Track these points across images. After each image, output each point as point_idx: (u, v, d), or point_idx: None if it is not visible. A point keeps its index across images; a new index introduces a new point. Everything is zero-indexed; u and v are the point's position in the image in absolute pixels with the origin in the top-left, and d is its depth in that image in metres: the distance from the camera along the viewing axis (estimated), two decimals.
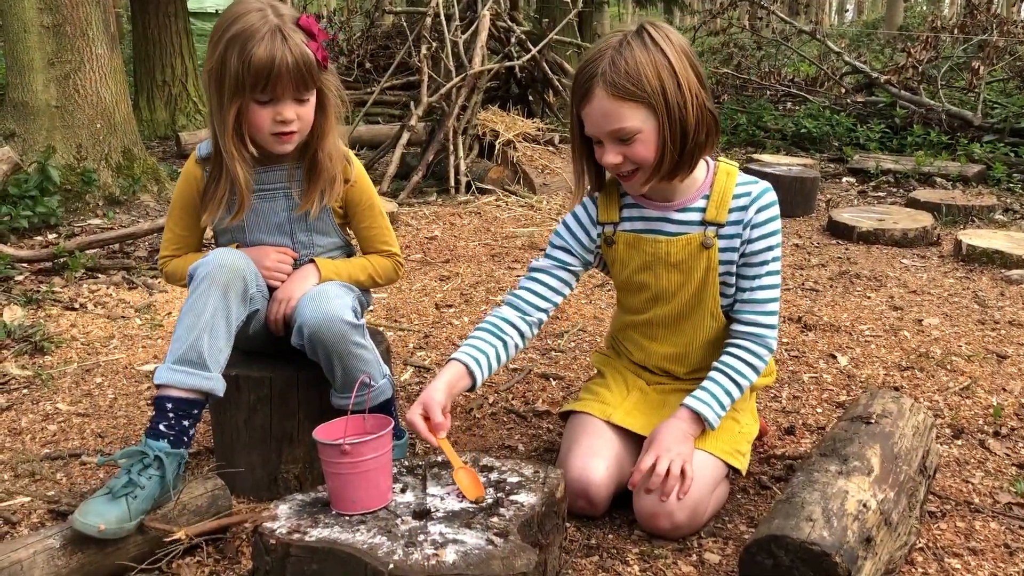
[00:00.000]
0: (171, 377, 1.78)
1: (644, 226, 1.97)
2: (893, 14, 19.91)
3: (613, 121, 1.77)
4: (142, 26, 8.05)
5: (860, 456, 1.79)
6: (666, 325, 2.03)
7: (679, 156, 1.80)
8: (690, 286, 1.96)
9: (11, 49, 4.89)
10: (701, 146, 1.83)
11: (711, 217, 1.91)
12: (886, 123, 7.45)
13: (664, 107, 1.75)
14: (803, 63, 10.43)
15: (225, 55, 1.82)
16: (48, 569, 1.61)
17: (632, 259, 1.99)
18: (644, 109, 1.75)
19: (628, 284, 2.04)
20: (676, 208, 1.94)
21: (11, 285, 3.66)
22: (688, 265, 1.94)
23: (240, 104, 1.85)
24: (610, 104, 1.75)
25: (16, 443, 2.39)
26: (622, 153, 1.80)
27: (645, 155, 1.79)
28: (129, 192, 5.17)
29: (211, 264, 1.83)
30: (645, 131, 1.77)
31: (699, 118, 1.79)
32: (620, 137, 1.78)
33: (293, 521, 1.52)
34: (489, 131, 6.09)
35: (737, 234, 1.91)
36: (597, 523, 1.94)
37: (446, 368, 1.87)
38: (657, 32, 1.77)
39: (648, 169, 1.82)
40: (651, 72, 1.73)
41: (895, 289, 3.74)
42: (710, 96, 1.83)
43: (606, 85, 1.74)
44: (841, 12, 36.63)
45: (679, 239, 1.93)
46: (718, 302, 1.97)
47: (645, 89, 1.73)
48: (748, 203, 1.91)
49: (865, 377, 2.80)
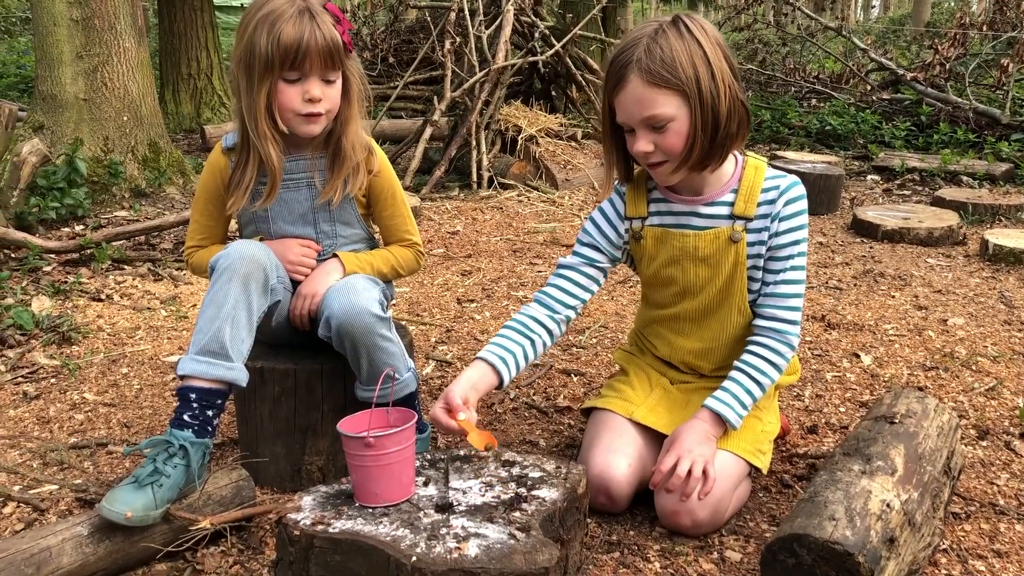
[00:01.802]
0: (194, 368, 1.80)
1: (672, 220, 1.97)
2: (920, 10, 19.70)
3: (647, 108, 1.76)
4: (168, 20, 8.11)
5: (884, 456, 1.78)
6: (693, 320, 2.03)
7: (710, 146, 1.80)
8: (718, 280, 1.95)
9: (41, 42, 4.94)
10: (732, 137, 1.82)
11: (739, 211, 1.91)
12: (912, 121, 7.38)
13: (697, 96, 1.75)
14: (828, 59, 10.35)
15: (254, 36, 1.86)
16: (77, 556, 1.64)
17: (660, 254, 1.99)
18: (678, 97, 1.75)
19: (655, 279, 2.03)
20: (704, 202, 1.94)
21: (39, 276, 3.70)
22: (716, 259, 1.94)
23: (270, 84, 1.88)
24: (644, 91, 1.75)
25: (44, 432, 2.42)
26: (654, 141, 1.79)
27: (676, 144, 1.79)
28: (155, 184, 5.22)
29: (232, 256, 1.85)
30: (678, 119, 1.77)
31: (731, 108, 1.79)
32: (653, 125, 1.78)
33: (317, 512, 1.54)
34: (512, 126, 6.09)
35: (765, 227, 1.91)
36: (618, 519, 1.95)
37: (471, 367, 1.88)
38: (692, 22, 1.78)
39: (677, 159, 1.81)
40: (686, 60, 1.74)
41: (920, 288, 3.71)
42: (742, 88, 1.83)
43: (641, 72, 1.74)
44: (867, 8, 36.29)
45: (707, 233, 1.93)
46: (745, 297, 1.96)
47: (680, 77, 1.73)
48: (776, 196, 1.91)
49: (889, 377, 2.78)
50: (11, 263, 3.79)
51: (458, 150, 5.88)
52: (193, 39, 8.12)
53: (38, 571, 1.58)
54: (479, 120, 5.86)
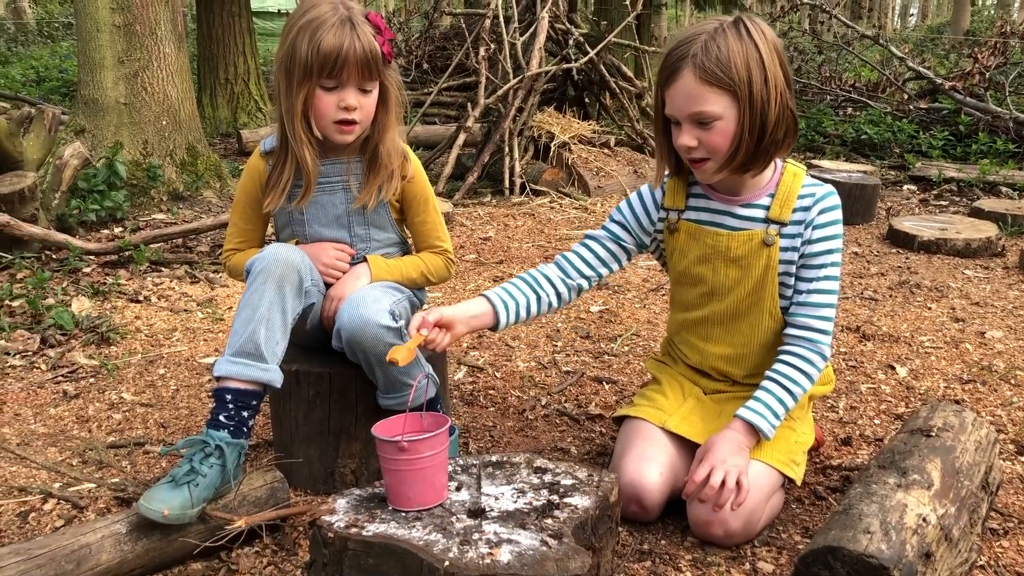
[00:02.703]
0: (230, 369, 1.82)
1: (708, 217, 1.97)
2: (959, 18, 19.47)
3: (695, 103, 1.77)
4: (207, 25, 8.22)
5: (920, 469, 1.76)
6: (722, 323, 2.02)
7: (754, 150, 1.80)
8: (747, 283, 1.95)
9: (84, 48, 5.04)
10: (777, 144, 1.83)
11: (775, 215, 1.91)
12: (950, 130, 7.29)
13: (748, 98, 1.75)
14: (864, 68, 10.25)
15: (296, 42, 1.89)
16: (115, 553, 1.67)
17: (691, 250, 1.99)
18: (728, 97, 1.76)
19: (685, 276, 2.04)
20: (741, 203, 1.94)
21: (79, 277, 3.77)
22: (747, 261, 1.93)
23: (308, 90, 1.91)
24: (696, 86, 1.76)
25: (83, 431, 2.47)
26: (698, 137, 1.80)
27: (720, 143, 1.79)
28: (192, 188, 5.29)
29: (266, 259, 1.88)
30: (725, 119, 1.77)
31: (780, 116, 1.79)
32: (699, 120, 1.79)
33: (351, 515, 1.55)
34: (545, 133, 6.10)
35: (799, 234, 1.91)
36: (650, 528, 1.94)
37: (473, 300, 1.94)
38: (753, 25, 1.78)
39: (720, 158, 1.82)
40: (741, 62, 1.74)
41: (957, 300, 3.66)
42: (793, 97, 1.83)
43: (695, 67, 1.75)
44: (905, 16, 35.91)
45: (740, 234, 1.93)
46: (777, 302, 1.95)
47: (733, 77, 1.74)
48: (811, 204, 1.90)
49: (925, 389, 2.75)
50: (52, 264, 3.86)
51: (491, 156, 5.90)
52: (231, 44, 8.22)
53: (78, 567, 1.61)
54: (512, 126, 5.88)
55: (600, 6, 9.95)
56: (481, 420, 2.54)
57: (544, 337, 3.23)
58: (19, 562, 1.57)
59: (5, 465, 2.24)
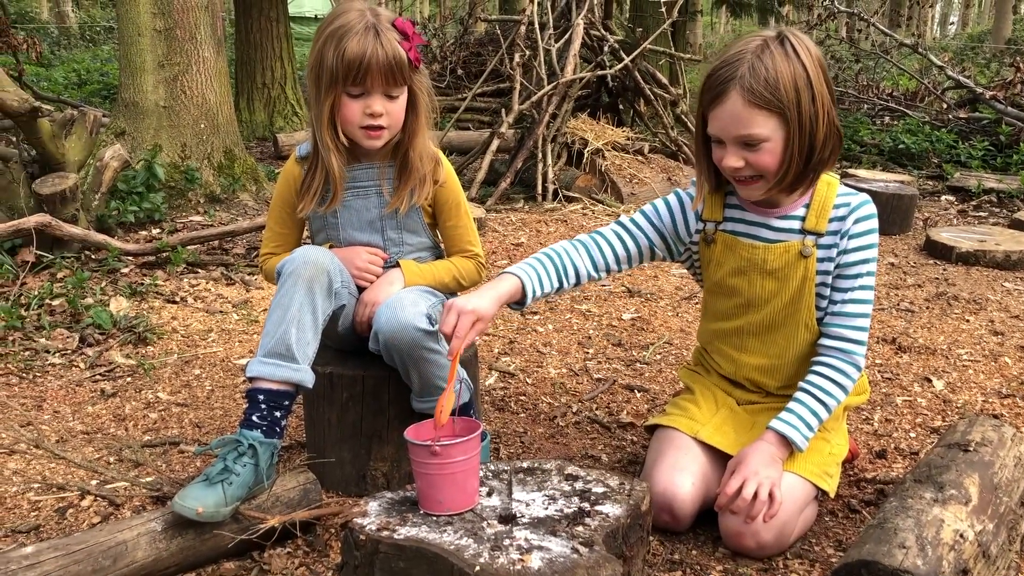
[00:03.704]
0: (262, 370, 1.85)
1: (744, 229, 1.95)
2: (1001, 27, 19.19)
3: (743, 127, 1.75)
4: (244, 30, 8.32)
5: (957, 484, 1.73)
6: (756, 334, 2.00)
7: (803, 169, 1.79)
8: (784, 295, 1.93)
9: (125, 51, 5.12)
10: (824, 162, 1.81)
11: (811, 226, 1.89)
12: (990, 140, 7.18)
13: (797, 119, 1.73)
14: (903, 76, 10.13)
15: (323, 50, 1.92)
16: (150, 551, 1.69)
17: (727, 261, 1.97)
18: (776, 119, 1.74)
19: (720, 287, 2.02)
20: (777, 215, 1.92)
21: (117, 277, 3.82)
22: (784, 273, 1.92)
23: (334, 96, 1.94)
24: (744, 110, 1.74)
25: (120, 429, 2.50)
26: (744, 158, 1.78)
27: (768, 163, 1.78)
28: (229, 191, 5.35)
29: (296, 261, 1.91)
30: (773, 141, 1.76)
31: (827, 134, 1.78)
32: (746, 143, 1.77)
33: (383, 518, 1.56)
34: (578, 139, 6.09)
35: (834, 244, 1.89)
36: (681, 538, 1.93)
37: (502, 280, 1.86)
38: (798, 42, 1.75)
39: (771, 178, 1.80)
40: (789, 82, 1.72)
41: (996, 313, 3.60)
42: (837, 112, 1.82)
43: (743, 90, 1.73)
44: (944, 24, 35.48)
45: (777, 246, 1.91)
46: (813, 313, 1.94)
47: (782, 99, 1.72)
48: (847, 213, 1.89)
49: (962, 403, 2.71)
50: (91, 264, 3.92)
51: (524, 162, 5.91)
52: (268, 49, 8.30)
53: (114, 564, 1.64)
54: (546, 132, 5.88)
55: (635, 13, 9.94)
56: (512, 426, 2.54)
57: (576, 344, 3.22)
58: (57, 557, 1.59)
59: (44, 462, 2.28)
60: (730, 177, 1.86)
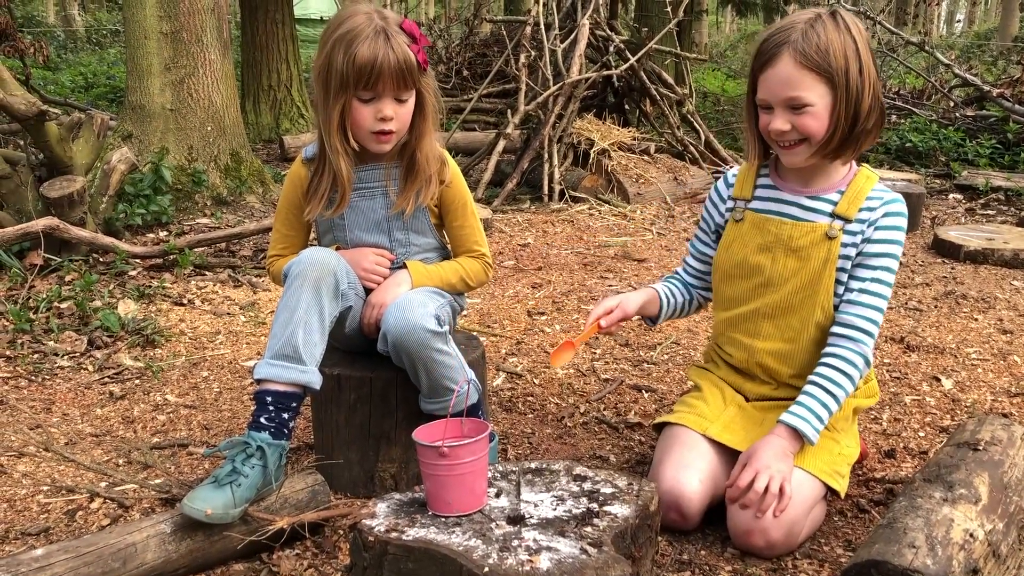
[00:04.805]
0: (269, 371, 1.85)
1: (775, 207, 2.00)
2: (1007, 24, 19.13)
3: (792, 88, 1.81)
4: (251, 32, 8.33)
5: (967, 484, 1.73)
6: (772, 317, 2.01)
7: (847, 136, 1.85)
8: (804, 275, 1.95)
9: (132, 55, 5.13)
10: (868, 133, 1.87)
11: (841, 211, 1.93)
12: (997, 138, 7.16)
13: (845, 87, 1.80)
14: (909, 75, 10.11)
15: (332, 54, 1.91)
16: (160, 553, 1.69)
17: (753, 239, 2.01)
18: (824, 84, 1.80)
19: (740, 268, 2.04)
20: (809, 195, 1.97)
21: (125, 280, 3.84)
22: (807, 252, 1.94)
23: (344, 101, 1.93)
24: (794, 71, 1.80)
25: (128, 431, 2.51)
26: (791, 121, 1.84)
27: (814, 128, 1.83)
28: (236, 193, 5.37)
29: (303, 262, 1.91)
30: (819, 105, 1.82)
31: (872, 106, 1.84)
32: (793, 105, 1.82)
33: (391, 520, 1.56)
34: (584, 139, 6.09)
35: (860, 231, 1.92)
36: (690, 538, 1.93)
37: (646, 291, 2.14)
38: (850, 19, 1.84)
39: (816, 143, 1.86)
40: (839, 50, 1.79)
41: (1004, 312, 3.59)
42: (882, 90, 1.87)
43: (795, 52, 1.79)
44: (951, 22, 35.39)
45: (804, 224, 1.95)
46: (831, 298, 1.95)
47: (832, 65, 1.79)
48: (878, 205, 1.93)
49: (971, 402, 2.70)
50: (99, 267, 3.94)
51: (530, 163, 5.91)
52: (274, 51, 8.32)
53: (124, 566, 1.64)
54: (552, 133, 5.88)
55: (641, 13, 9.94)
56: (520, 427, 2.54)
57: (583, 344, 3.22)
58: (67, 559, 1.60)
59: (54, 464, 2.28)
60: (775, 143, 1.91)
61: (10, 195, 4.03)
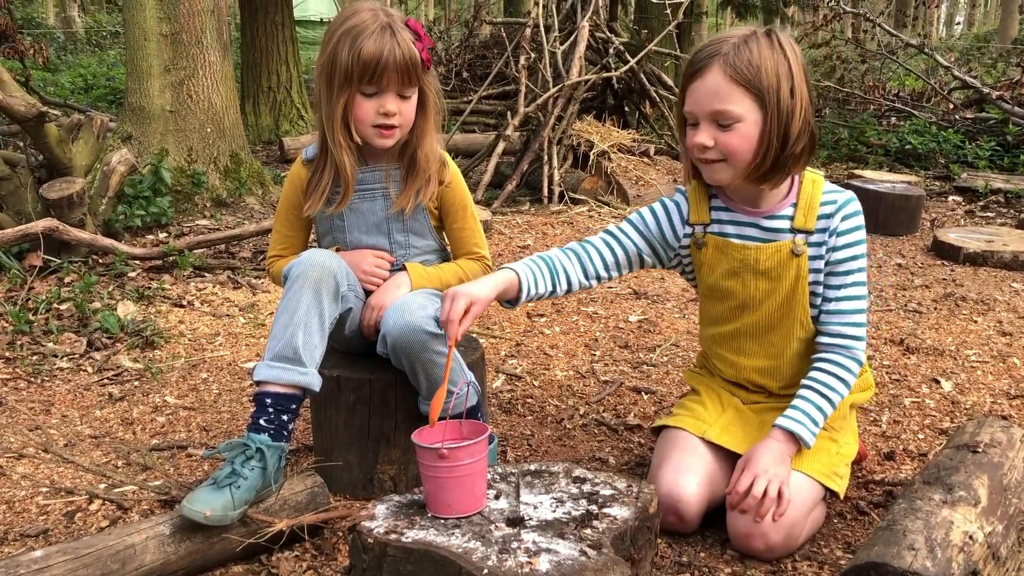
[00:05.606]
0: (269, 373, 1.85)
1: (734, 231, 1.95)
2: (1007, 26, 19.14)
3: (718, 101, 1.76)
4: (250, 34, 8.33)
5: (966, 486, 1.73)
6: (754, 336, 2.00)
7: (774, 160, 1.79)
8: (778, 295, 1.93)
9: (132, 56, 5.13)
10: (796, 158, 1.81)
11: (799, 224, 1.90)
12: (997, 140, 7.16)
13: (775, 106, 1.75)
14: (909, 77, 10.11)
15: (337, 49, 1.92)
16: (159, 554, 1.69)
17: (720, 264, 1.97)
18: (752, 100, 1.75)
19: (714, 291, 2.02)
20: (765, 215, 1.92)
21: (125, 281, 3.83)
22: (777, 273, 1.92)
23: (348, 96, 1.94)
24: (723, 83, 1.75)
25: (127, 433, 2.51)
26: (715, 138, 1.78)
27: (736, 146, 1.77)
28: (235, 194, 5.37)
29: (303, 264, 1.91)
30: (746, 123, 1.76)
31: (801, 130, 1.78)
32: (719, 121, 1.77)
33: (390, 521, 1.56)
34: (584, 141, 6.09)
35: (823, 242, 1.90)
36: (689, 540, 1.93)
37: (500, 272, 1.87)
38: (784, 38, 1.79)
39: (738, 164, 1.80)
40: (771, 69, 1.74)
41: (1004, 314, 3.59)
42: (814, 116, 1.83)
43: (725, 64, 1.74)
44: (950, 24, 35.41)
45: (769, 246, 1.92)
46: (808, 311, 1.94)
47: (762, 81, 1.74)
48: (834, 211, 1.89)
49: (971, 404, 2.70)
50: (99, 268, 3.94)
51: (530, 165, 5.91)
52: (274, 53, 8.32)
53: (123, 567, 1.64)
54: (551, 135, 5.88)
55: (640, 15, 9.95)
56: (519, 428, 2.54)
57: (582, 346, 3.22)
58: (66, 561, 1.60)
59: (53, 466, 2.28)
60: (697, 160, 1.85)
61: (10, 196, 4.03)
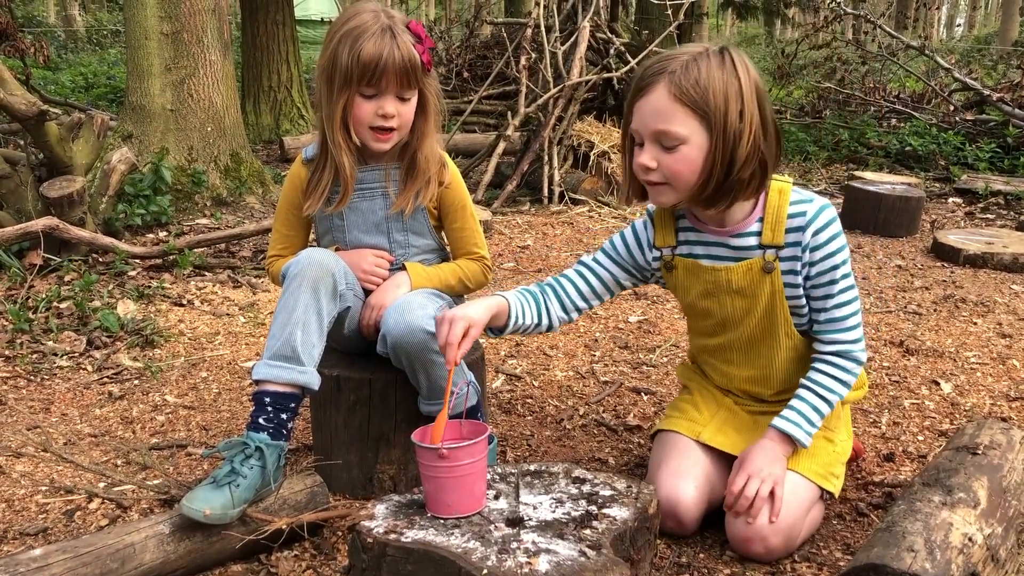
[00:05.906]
0: (267, 372, 1.85)
1: (703, 251, 1.91)
2: (1007, 28, 19.15)
3: (662, 121, 1.69)
4: (251, 33, 8.34)
5: (966, 488, 1.73)
6: (740, 349, 1.98)
7: (718, 185, 1.72)
8: (756, 311, 1.90)
9: (132, 55, 5.14)
10: (743, 184, 1.73)
11: (768, 240, 1.83)
12: (997, 142, 7.17)
13: (722, 129, 1.67)
14: (909, 79, 10.12)
15: (337, 50, 1.92)
16: (158, 553, 1.69)
17: (693, 286, 1.94)
18: (698, 122, 1.68)
19: (693, 310, 2.00)
20: (731, 233, 1.87)
21: (125, 280, 3.84)
22: (752, 291, 1.87)
23: (347, 97, 1.94)
24: (667, 103, 1.68)
25: (127, 432, 2.51)
26: (658, 159, 1.72)
27: (681, 170, 1.72)
28: (236, 194, 5.37)
29: (301, 263, 1.91)
30: (691, 145, 1.69)
31: (749, 155, 1.69)
32: (663, 142, 1.71)
33: (390, 521, 1.56)
34: (584, 142, 6.10)
35: (796, 256, 1.83)
36: (688, 541, 1.93)
37: (493, 297, 1.86)
38: (738, 58, 1.71)
39: (681, 188, 1.74)
40: (719, 90, 1.66)
41: (1004, 316, 3.59)
42: (770, 141, 1.74)
43: (671, 84, 1.67)
44: (951, 26, 35.43)
45: (739, 266, 1.86)
46: (791, 323, 1.90)
47: (708, 103, 1.66)
48: (804, 224, 1.81)
49: (970, 406, 2.70)
50: (99, 267, 3.94)
51: (530, 165, 5.91)
52: (274, 52, 8.33)
53: (122, 566, 1.64)
54: (552, 135, 5.89)
55: (641, 15, 9.95)
56: (519, 429, 2.54)
57: (582, 347, 3.22)
58: (65, 559, 1.60)
59: (52, 464, 2.28)
60: (641, 179, 1.79)
61: (10, 195, 4.03)
